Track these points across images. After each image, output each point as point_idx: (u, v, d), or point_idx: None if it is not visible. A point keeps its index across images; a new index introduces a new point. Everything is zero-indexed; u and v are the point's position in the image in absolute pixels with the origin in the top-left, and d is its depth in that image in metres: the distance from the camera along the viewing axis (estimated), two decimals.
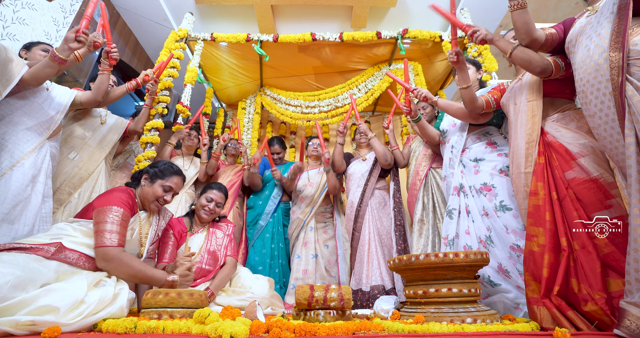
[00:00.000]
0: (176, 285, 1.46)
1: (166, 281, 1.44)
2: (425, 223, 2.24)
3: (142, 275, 1.39)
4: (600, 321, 1.16)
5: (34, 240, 1.29)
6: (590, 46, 1.25)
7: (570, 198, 1.35)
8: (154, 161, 1.73)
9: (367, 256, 2.41)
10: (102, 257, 1.33)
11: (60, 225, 1.42)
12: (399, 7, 3.76)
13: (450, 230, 1.89)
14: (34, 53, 1.93)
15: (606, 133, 1.21)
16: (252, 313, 1.31)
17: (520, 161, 1.56)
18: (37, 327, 0.98)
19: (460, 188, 1.93)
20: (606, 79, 1.17)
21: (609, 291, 1.20)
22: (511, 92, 1.72)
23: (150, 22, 3.80)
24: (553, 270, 1.31)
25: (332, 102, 3.71)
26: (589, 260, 1.24)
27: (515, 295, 1.59)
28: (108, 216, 1.38)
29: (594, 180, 1.32)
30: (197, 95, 4.26)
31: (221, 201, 2.04)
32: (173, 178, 1.66)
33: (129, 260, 1.36)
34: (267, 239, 2.78)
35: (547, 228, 1.36)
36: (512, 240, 1.66)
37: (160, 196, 1.61)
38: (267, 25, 3.88)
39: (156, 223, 1.69)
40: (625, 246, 1.19)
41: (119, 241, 1.37)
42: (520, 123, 1.60)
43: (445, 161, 2.08)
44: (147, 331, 1.07)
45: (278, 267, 2.71)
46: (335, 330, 1.08)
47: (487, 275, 1.69)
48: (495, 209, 1.74)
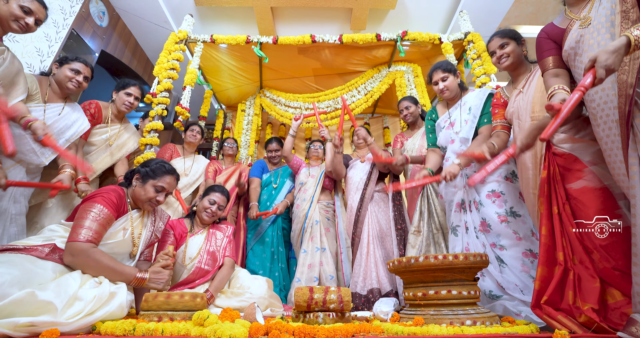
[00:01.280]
0: (145, 282, 1.41)
1: (135, 277, 1.39)
2: (420, 235, 2.21)
3: (111, 270, 1.34)
4: (599, 327, 1.15)
5: (27, 242, 1.29)
6: None
7: (566, 213, 1.33)
8: (146, 160, 1.67)
9: (366, 259, 2.41)
10: (70, 251, 1.29)
11: (52, 227, 1.42)
12: (398, 10, 3.78)
13: (457, 247, 1.88)
14: (62, 72, 1.93)
15: (610, 159, 1.20)
16: (251, 315, 1.31)
17: (529, 182, 1.54)
18: (36, 328, 0.98)
19: (462, 204, 1.91)
20: (613, 106, 1.13)
21: (608, 303, 1.19)
22: (514, 106, 1.66)
23: (150, 24, 3.81)
24: (545, 283, 1.30)
25: (331, 103, 3.72)
26: (587, 275, 1.23)
27: (516, 302, 1.57)
28: (88, 214, 1.36)
29: (603, 189, 1.30)
30: (196, 97, 4.26)
31: (223, 204, 2.05)
32: (165, 177, 1.59)
33: (97, 256, 1.32)
34: (267, 243, 2.79)
35: (542, 242, 1.35)
36: (524, 246, 1.64)
37: (152, 197, 1.55)
38: (266, 27, 3.89)
39: (152, 224, 1.65)
40: (626, 260, 1.18)
41: (92, 237, 1.33)
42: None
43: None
44: (146, 333, 1.07)
45: (278, 271, 2.71)
46: (334, 332, 1.08)
47: (488, 290, 1.67)
48: (506, 214, 1.71)
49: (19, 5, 1.56)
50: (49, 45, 2.77)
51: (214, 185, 2.13)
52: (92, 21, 3.32)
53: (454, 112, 2.09)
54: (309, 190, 2.78)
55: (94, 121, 2.21)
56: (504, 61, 1.73)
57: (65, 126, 1.92)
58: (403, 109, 2.64)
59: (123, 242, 1.50)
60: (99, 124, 2.25)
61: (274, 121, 4.51)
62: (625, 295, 1.17)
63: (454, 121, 2.06)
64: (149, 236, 1.64)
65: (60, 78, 1.92)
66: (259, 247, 2.78)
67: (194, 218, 2.05)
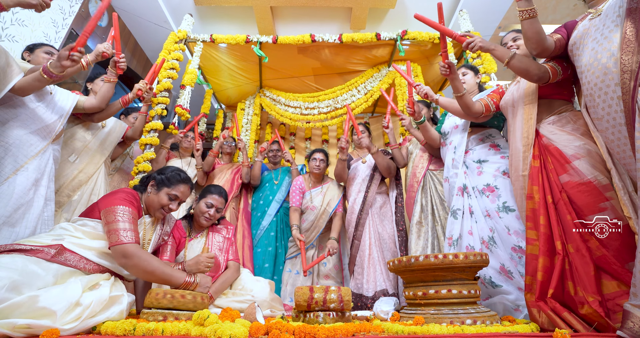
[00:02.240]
0: (193, 286, 1.45)
1: (184, 281, 1.42)
2: (423, 225, 2.24)
3: (161, 272, 1.36)
4: (599, 323, 1.16)
5: (36, 241, 1.28)
6: (597, 48, 1.24)
7: (564, 201, 1.35)
8: (162, 167, 1.68)
9: (367, 261, 2.39)
10: (122, 254, 1.31)
11: (63, 225, 1.40)
12: (398, 9, 3.77)
13: (455, 230, 1.89)
14: (37, 55, 1.93)
15: (614, 136, 1.21)
16: (252, 315, 1.31)
17: (518, 164, 1.57)
18: (34, 330, 0.98)
19: (464, 188, 1.93)
20: (615, 83, 1.17)
21: (604, 293, 1.20)
22: (509, 95, 1.72)
23: (150, 23, 3.80)
24: (548, 274, 1.31)
25: (331, 103, 3.72)
26: (583, 263, 1.24)
27: (515, 297, 1.59)
28: (118, 215, 1.36)
29: (587, 183, 1.32)
30: (196, 96, 4.26)
31: (221, 207, 1.97)
32: (180, 186, 1.59)
33: (147, 257, 1.35)
34: (272, 237, 2.79)
35: (542, 232, 1.37)
36: (513, 241, 1.66)
37: (165, 204, 1.56)
38: (266, 27, 3.89)
39: (160, 228, 1.66)
40: (620, 248, 1.20)
41: (135, 237, 1.36)
42: (517, 126, 1.60)
43: (448, 162, 2.07)
44: (147, 333, 1.07)
45: (282, 264, 2.71)
46: (334, 332, 1.08)
47: (488, 276, 1.69)
48: (497, 210, 1.74)
49: None
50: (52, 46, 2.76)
51: (210, 186, 2.05)
52: (97, 24, 3.31)
53: None
54: (308, 223, 2.63)
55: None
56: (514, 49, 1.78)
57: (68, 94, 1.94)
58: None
59: None
60: None
61: (273, 121, 4.51)
62: (621, 283, 1.18)
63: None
64: (157, 240, 1.64)
65: (39, 61, 1.91)
66: (264, 242, 2.78)
67: (192, 221, 1.99)
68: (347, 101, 3.66)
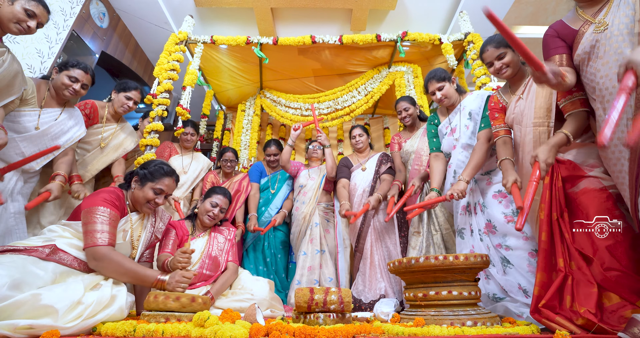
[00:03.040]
0: (165, 285, 1.40)
1: (156, 279, 1.39)
2: (420, 235, 2.21)
3: (133, 273, 1.36)
4: (597, 328, 1.15)
5: (28, 243, 1.29)
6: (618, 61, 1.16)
7: (564, 220, 1.33)
8: (145, 162, 1.65)
9: (369, 268, 2.39)
10: (92, 256, 1.31)
11: (52, 227, 1.41)
12: (398, 10, 3.78)
13: (464, 250, 1.87)
14: (61, 77, 1.89)
15: (615, 168, 1.21)
16: (252, 316, 1.31)
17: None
18: (36, 330, 0.98)
19: (467, 206, 1.90)
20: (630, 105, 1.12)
21: (605, 306, 1.18)
22: (514, 112, 1.64)
23: (151, 25, 3.81)
24: (544, 289, 1.30)
25: (331, 104, 3.72)
26: (584, 280, 1.23)
27: (518, 304, 1.57)
28: (96, 216, 1.36)
29: (604, 189, 1.31)
30: (196, 97, 4.26)
31: (225, 207, 2.01)
32: (164, 179, 1.57)
33: (119, 258, 1.33)
34: (259, 247, 2.80)
35: (542, 248, 1.35)
36: (531, 246, 1.62)
37: (151, 199, 1.54)
38: (267, 28, 3.89)
39: (152, 225, 1.65)
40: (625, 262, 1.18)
41: (109, 240, 1.34)
42: (527, 148, 1.54)
43: (450, 179, 2.02)
44: (147, 334, 1.06)
45: (273, 274, 2.72)
46: (335, 333, 1.07)
47: (492, 293, 1.67)
48: (512, 215, 1.70)
49: (23, 7, 1.55)
50: (50, 46, 2.78)
51: (215, 187, 2.09)
52: (92, 22, 3.32)
53: (454, 118, 2.08)
54: (309, 193, 2.76)
55: (90, 121, 2.19)
56: (504, 71, 1.70)
57: (61, 132, 1.91)
58: (401, 110, 2.55)
59: (123, 245, 1.49)
60: (95, 124, 2.23)
61: (274, 122, 4.51)
62: (622, 298, 1.17)
63: (455, 127, 2.06)
64: (149, 238, 1.63)
65: (58, 85, 1.89)
66: (252, 253, 2.78)
67: (195, 220, 2.02)
68: (347, 102, 3.67)
